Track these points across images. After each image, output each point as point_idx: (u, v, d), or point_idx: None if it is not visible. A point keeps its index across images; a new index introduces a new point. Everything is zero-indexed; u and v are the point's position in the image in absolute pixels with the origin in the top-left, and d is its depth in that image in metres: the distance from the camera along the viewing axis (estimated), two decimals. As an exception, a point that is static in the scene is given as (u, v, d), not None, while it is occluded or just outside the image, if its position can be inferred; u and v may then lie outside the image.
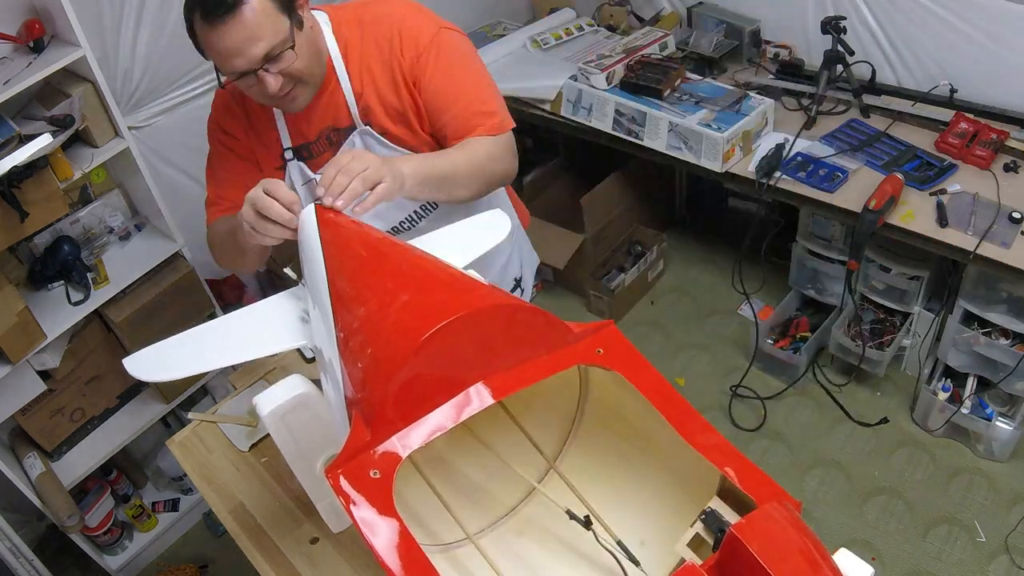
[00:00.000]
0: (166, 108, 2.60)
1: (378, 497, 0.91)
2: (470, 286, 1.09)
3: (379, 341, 1.01)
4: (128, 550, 2.77)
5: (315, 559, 1.45)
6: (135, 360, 1.28)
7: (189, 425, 1.80)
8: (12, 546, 2.35)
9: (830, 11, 2.82)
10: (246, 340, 1.33)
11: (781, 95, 2.91)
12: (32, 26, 2.08)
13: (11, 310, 2.13)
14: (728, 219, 3.74)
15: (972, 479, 2.65)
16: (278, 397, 1.22)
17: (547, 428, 1.28)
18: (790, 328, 3.08)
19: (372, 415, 0.97)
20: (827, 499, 2.67)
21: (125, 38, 2.41)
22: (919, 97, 2.72)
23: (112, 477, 2.73)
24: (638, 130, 2.82)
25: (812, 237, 2.89)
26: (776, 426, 2.92)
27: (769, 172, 2.58)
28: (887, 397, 2.93)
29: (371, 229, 1.27)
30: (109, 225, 2.51)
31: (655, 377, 1.07)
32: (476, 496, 1.30)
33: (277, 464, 1.64)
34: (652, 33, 3.09)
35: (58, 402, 2.47)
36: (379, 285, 1.10)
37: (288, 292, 1.41)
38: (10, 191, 1.98)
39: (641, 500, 1.19)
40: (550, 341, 1.06)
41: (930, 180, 2.47)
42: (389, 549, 0.88)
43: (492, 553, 1.17)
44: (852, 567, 0.88)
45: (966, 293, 2.50)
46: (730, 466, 0.98)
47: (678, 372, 3.16)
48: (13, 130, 2.03)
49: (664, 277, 3.59)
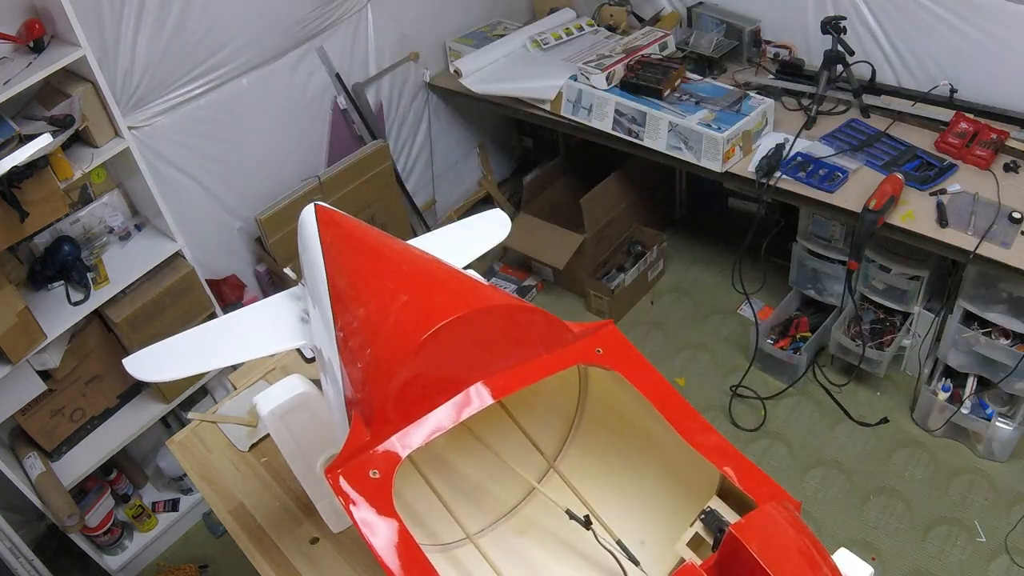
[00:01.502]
0: (166, 108, 2.60)
1: (378, 497, 0.91)
2: (470, 286, 1.09)
3: (379, 341, 1.01)
4: (128, 550, 2.77)
5: (315, 559, 1.45)
6: (135, 360, 1.29)
7: (189, 425, 1.80)
8: (12, 546, 2.35)
9: (830, 11, 2.82)
10: (246, 340, 1.33)
11: (781, 95, 2.91)
12: (32, 26, 2.08)
13: (11, 310, 2.13)
14: (728, 219, 3.74)
15: (972, 479, 2.65)
16: (278, 397, 1.22)
17: (547, 428, 1.29)
18: (790, 328, 3.08)
19: (372, 415, 0.97)
20: (827, 499, 2.67)
21: (125, 38, 2.41)
22: (919, 97, 2.72)
23: (112, 477, 2.73)
24: (638, 130, 2.82)
25: (812, 237, 2.89)
26: (776, 426, 2.92)
27: (769, 172, 2.58)
28: (887, 397, 2.93)
29: (371, 229, 1.27)
30: (109, 225, 2.51)
31: (655, 377, 1.07)
32: (476, 496, 1.30)
33: (277, 464, 1.64)
34: (652, 33, 3.09)
35: (58, 402, 2.47)
36: (379, 285, 1.11)
37: (288, 292, 1.41)
38: (10, 191, 1.98)
39: (641, 500, 1.19)
40: (550, 341, 1.07)
41: (930, 180, 2.47)
42: (389, 549, 0.88)
43: (492, 553, 1.17)
44: (852, 567, 0.88)
45: (966, 293, 2.50)
46: (730, 466, 0.98)
47: (678, 372, 3.16)
48: (13, 130, 2.03)
49: (664, 277, 3.59)
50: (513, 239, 3.34)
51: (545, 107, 3.06)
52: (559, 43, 3.26)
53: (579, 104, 2.95)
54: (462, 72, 3.21)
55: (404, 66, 3.34)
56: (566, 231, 3.39)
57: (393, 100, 3.37)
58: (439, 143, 3.64)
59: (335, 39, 3.05)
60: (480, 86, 3.18)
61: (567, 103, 2.99)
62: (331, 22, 2.99)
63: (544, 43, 3.26)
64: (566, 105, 2.99)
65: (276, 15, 2.78)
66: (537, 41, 3.27)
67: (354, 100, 3.16)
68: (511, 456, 1.21)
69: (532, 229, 3.47)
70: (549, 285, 3.64)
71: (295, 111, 3.02)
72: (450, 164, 3.73)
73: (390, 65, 3.28)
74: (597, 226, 3.35)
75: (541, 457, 1.24)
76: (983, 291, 2.46)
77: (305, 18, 2.87)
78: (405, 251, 1.20)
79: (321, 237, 1.23)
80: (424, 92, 3.48)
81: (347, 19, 3.06)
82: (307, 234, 1.27)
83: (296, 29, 2.87)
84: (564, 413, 1.29)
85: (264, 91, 2.87)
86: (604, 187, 3.35)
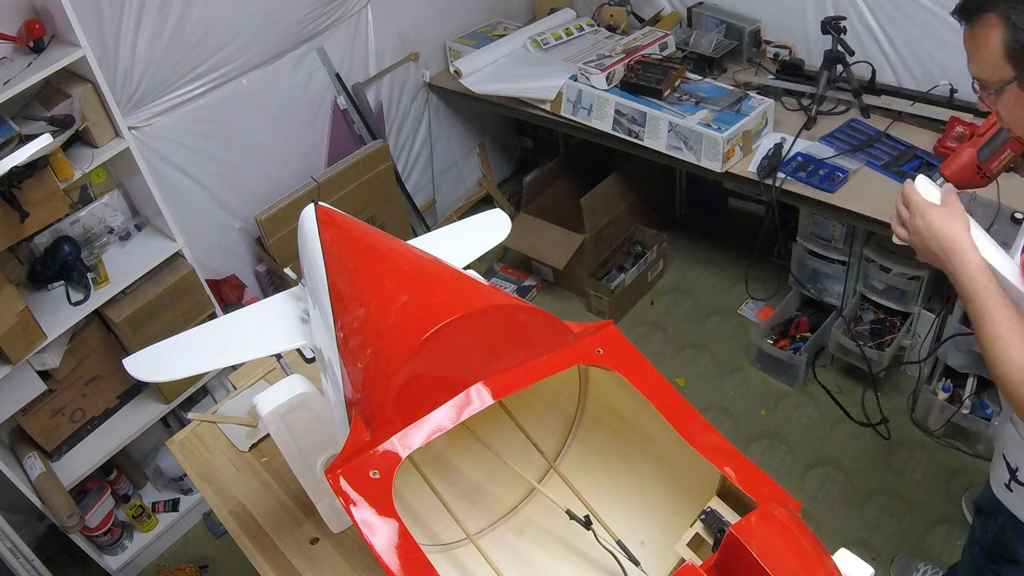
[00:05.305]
0: (166, 108, 2.60)
1: (378, 497, 0.91)
2: (470, 286, 1.09)
3: (379, 341, 1.01)
4: (128, 550, 2.77)
5: (315, 559, 1.45)
6: (135, 360, 1.29)
7: (189, 425, 1.80)
8: (12, 546, 2.35)
9: (830, 11, 2.82)
10: (246, 340, 1.33)
11: (781, 95, 2.91)
12: (32, 26, 2.08)
13: (11, 310, 2.13)
14: (728, 219, 3.75)
15: (972, 479, 2.65)
16: (278, 397, 1.22)
17: (547, 428, 1.29)
18: (790, 328, 3.08)
19: (372, 415, 0.97)
20: (827, 499, 2.67)
21: (125, 38, 2.41)
22: (919, 97, 2.72)
23: (112, 477, 2.73)
24: (638, 130, 2.82)
25: (812, 237, 2.89)
26: (776, 426, 2.92)
27: (771, 172, 2.58)
28: (887, 397, 2.93)
29: (371, 229, 1.27)
30: (109, 225, 2.51)
31: (655, 377, 1.07)
32: (476, 496, 1.30)
33: (277, 464, 1.64)
34: (652, 33, 3.09)
35: (58, 402, 2.47)
36: (379, 285, 1.10)
37: (288, 292, 1.41)
38: (10, 191, 1.98)
39: (641, 500, 1.19)
40: (550, 341, 1.06)
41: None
42: (389, 549, 0.88)
43: (492, 553, 1.17)
44: (852, 567, 0.88)
45: (966, 293, 2.49)
46: (730, 466, 0.98)
47: (678, 372, 3.16)
48: (13, 130, 2.03)
49: (664, 277, 3.59)
50: (513, 239, 3.34)
51: (545, 107, 3.06)
52: (559, 43, 3.26)
53: (579, 104, 2.95)
54: (462, 72, 3.21)
55: (404, 66, 3.34)
56: (566, 231, 3.39)
57: (393, 100, 3.37)
58: (439, 143, 3.64)
59: (335, 39, 3.05)
60: (480, 86, 3.19)
61: (567, 103, 2.99)
62: (331, 22, 2.99)
63: (544, 43, 3.26)
64: (566, 105, 3.00)
65: (276, 15, 2.78)
66: (537, 41, 3.27)
67: (354, 100, 3.16)
68: (511, 456, 1.21)
69: (532, 229, 3.47)
70: (549, 285, 3.64)
71: (295, 111, 3.02)
72: (450, 164, 3.73)
73: (390, 65, 3.28)
74: (597, 226, 3.35)
75: (541, 457, 1.24)
76: (983, 291, 2.46)
77: (305, 18, 2.88)
78: (405, 251, 1.20)
79: (321, 237, 1.23)
80: (424, 92, 3.48)
81: (347, 19, 3.06)
82: (307, 234, 1.27)
83: (296, 29, 2.87)
84: (564, 413, 1.29)
85: (264, 91, 2.87)
86: (604, 187, 3.35)
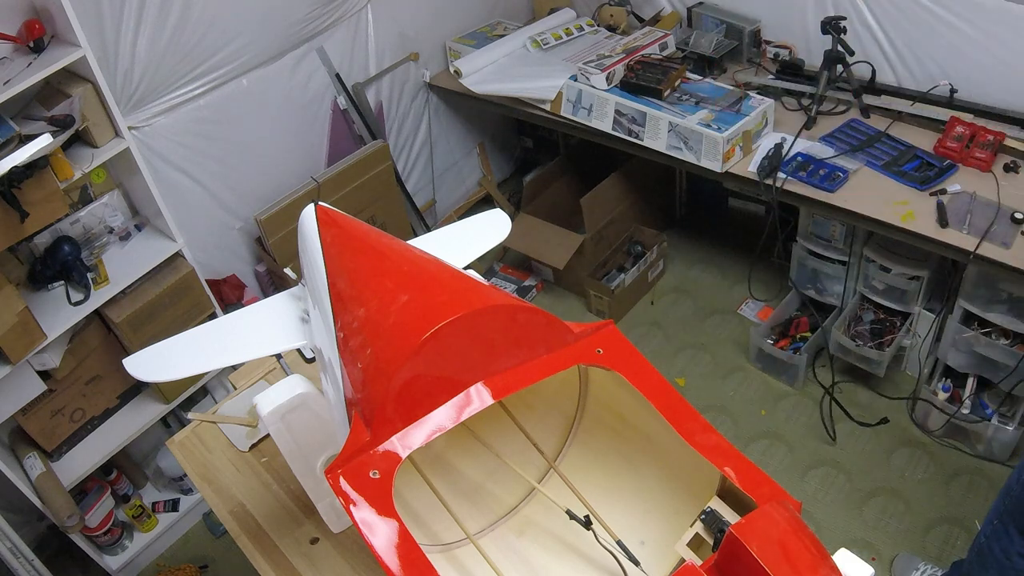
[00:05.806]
0: (166, 108, 2.60)
1: (378, 497, 0.91)
2: (470, 286, 1.09)
3: (379, 341, 1.01)
4: (128, 550, 2.77)
5: (315, 559, 1.45)
6: (135, 360, 1.29)
7: (189, 425, 1.80)
8: (12, 546, 2.35)
9: (830, 11, 2.82)
10: (246, 340, 1.33)
11: (781, 95, 2.91)
12: (32, 26, 2.08)
13: (11, 310, 2.13)
14: (728, 219, 3.74)
15: (972, 479, 2.65)
16: (278, 397, 1.22)
17: (547, 428, 1.29)
18: (790, 328, 3.08)
19: (372, 415, 0.97)
20: (827, 499, 2.67)
21: (125, 38, 2.41)
22: (919, 97, 2.72)
23: (112, 477, 2.73)
24: (638, 130, 2.82)
25: (812, 237, 2.89)
26: (776, 426, 2.92)
27: (771, 172, 2.58)
28: (887, 397, 2.93)
29: (371, 229, 1.27)
30: (109, 225, 2.51)
31: (655, 377, 1.07)
32: (476, 496, 1.30)
33: (277, 464, 1.64)
34: (652, 33, 3.09)
35: (58, 402, 2.47)
36: (379, 285, 1.10)
37: (288, 292, 1.41)
38: (10, 191, 1.98)
39: (641, 500, 1.19)
40: (550, 341, 1.06)
41: (930, 180, 2.47)
42: (389, 549, 0.88)
43: (492, 553, 1.17)
44: (852, 567, 0.88)
45: (966, 293, 2.49)
46: (730, 466, 0.98)
47: (678, 372, 3.16)
48: (13, 130, 2.03)
49: (664, 277, 3.59)
50: (513, 239, 3.34)
51: (545, 107, 3.06)
52: (559, 43, 3.26)
53: (579, 104, 2.95)
54: (462, 72, 3.21)
55: (404, 66, 3.34)
56: (566, 231, 3.39)
57: (393, 100, 3.37)
58: (439, 143, 3.64)
59: (335, 39, 3.05)
60: (480, 86, 3.18)
61: (567, 103, 2.99)
62: (331, 22, 2.99)
63: (544, 43, 3.26)
64: (566, 105, 2.99)
65: (276, 15, 2.78)
66: (537, 41, 3.27)
67: (354, 100, 3.16)
68: (511, 456, 1.21)
69: (532, 229, 3.47)
70: (549, 285, 3.64)
71: (295, 111, 3.02)
72: (450, 164, 3.73)
73: (390, 65, 3.28)
74: (597, 226, 3.35)
75: (541, 457, 1.24)
76: (983, 291, 2.46)
77: (305, 18, 2.87)
78: (405, 251, 1.20)
79: (321, 237, 1.23)
80: (424, 92, 3.48)
81: (347, 19, 3.06)
82: (307, 234, 1.27)
83: (296, 29, 2.87)
84: (564, 413, 1.29)
85: (264, 91, 2.87)
86: (604, 187, 3.35)
